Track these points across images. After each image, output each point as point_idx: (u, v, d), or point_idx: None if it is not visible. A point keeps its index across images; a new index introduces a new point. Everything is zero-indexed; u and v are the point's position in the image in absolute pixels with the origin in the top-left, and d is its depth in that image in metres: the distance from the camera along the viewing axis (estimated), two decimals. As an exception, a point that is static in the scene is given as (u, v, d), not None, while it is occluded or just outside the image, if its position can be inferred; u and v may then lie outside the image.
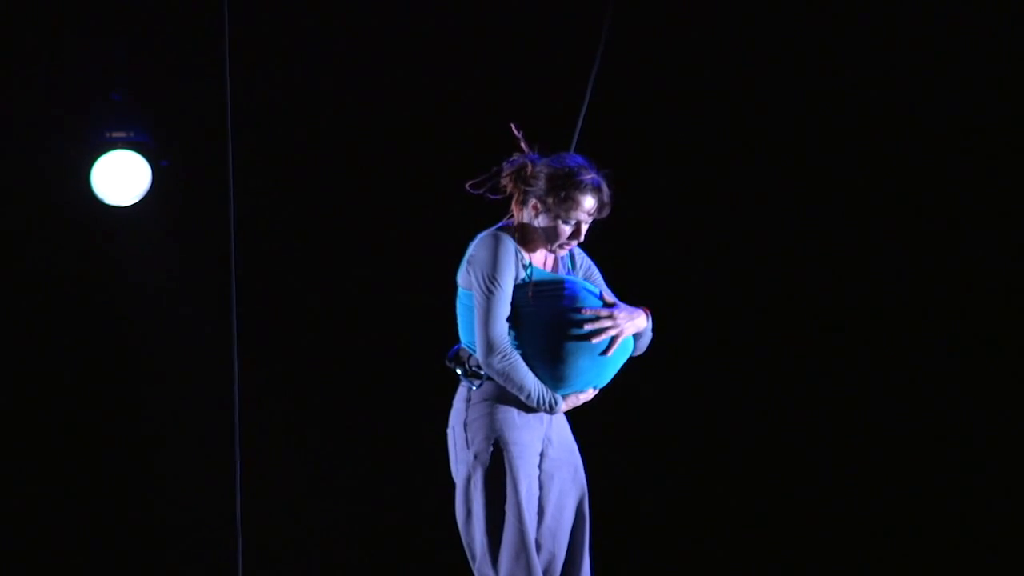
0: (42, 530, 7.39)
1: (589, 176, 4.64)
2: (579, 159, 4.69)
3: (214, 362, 7.00)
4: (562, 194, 4.62)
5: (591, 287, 4.74)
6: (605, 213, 4.68)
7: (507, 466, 4.58)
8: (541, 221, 4.67)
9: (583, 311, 4.60)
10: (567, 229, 4.66)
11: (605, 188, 4.66)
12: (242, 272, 7.29)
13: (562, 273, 4.77)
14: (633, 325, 4.68)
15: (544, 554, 4.67)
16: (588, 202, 4.64)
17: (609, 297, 4.70)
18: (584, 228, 4.67)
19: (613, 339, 4.62)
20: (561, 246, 4.70)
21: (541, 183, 4.64)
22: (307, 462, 7.37)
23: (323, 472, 7.37)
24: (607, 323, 4.61)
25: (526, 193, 4.66)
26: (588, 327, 4.59)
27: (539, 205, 4.65)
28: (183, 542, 7.32)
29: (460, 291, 4.71)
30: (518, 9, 6.88)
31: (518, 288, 4.63)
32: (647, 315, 4.74)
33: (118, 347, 7.39)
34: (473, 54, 7.02)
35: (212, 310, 6.97)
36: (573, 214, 4.64)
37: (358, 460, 7.37)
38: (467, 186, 4.69)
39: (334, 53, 7.09)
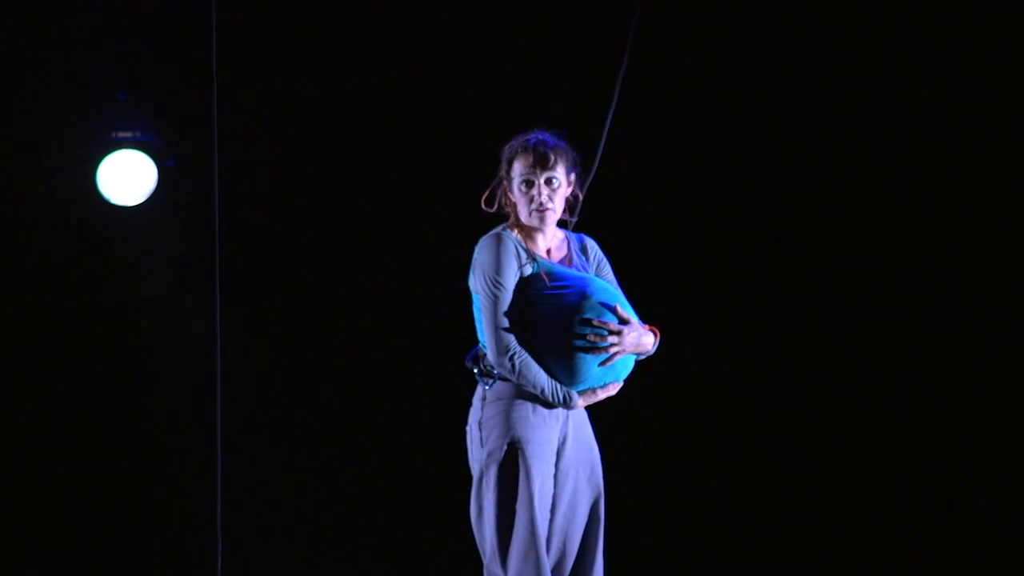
0: (41, 527, 7.39)
1: (525, 138, 4.72)
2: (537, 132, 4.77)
3: (222, 361, 7.01)
4: (509, 163, 4.72)
5: (606, 285, 4.75)
6: (556, 171, 4.70)
7: (520, 464, 4.61)
8: (513, 198, 4.74)
9: (592, 321, 4.62)
10: (523, 195, 4.70)
11: (547, 146, 4.70)
12: (248, 272, 7.32)
13: (575, 267, 4.78)
14: (637, 347, 4.70)
15: (554, 552, 4.68)
16: (525, 159, 4.69)
17: (624, 313, 4.69)
18: (539, 190, 4.69)
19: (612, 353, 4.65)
20: (532, 215, 4.70)
21: (502, 163, 4.75)
22: (318, 461, 7.38)
23: (335, 470, 7.38)
24: (612, 339, 4.63)
25: (500, 179, 4.76)
26: (591, 338, 4.61)
27: (504, 181, 4.74)
28: (189, 540, 7.32)
29: (473, 295, 4.75)
30: (541, 10, 6.93)
31: (529, 281, 4.65)
32: (656, 337, 4.75)
33: (123, 347, 7.39)
34: (488, 55, 7.04)
35: (218, 310, 6.97)
36: (520, 175, 4.69)
37: (372, 459, 7.38)
38: (482, 204, 4.79)
39: (345, 54, 7.11)
